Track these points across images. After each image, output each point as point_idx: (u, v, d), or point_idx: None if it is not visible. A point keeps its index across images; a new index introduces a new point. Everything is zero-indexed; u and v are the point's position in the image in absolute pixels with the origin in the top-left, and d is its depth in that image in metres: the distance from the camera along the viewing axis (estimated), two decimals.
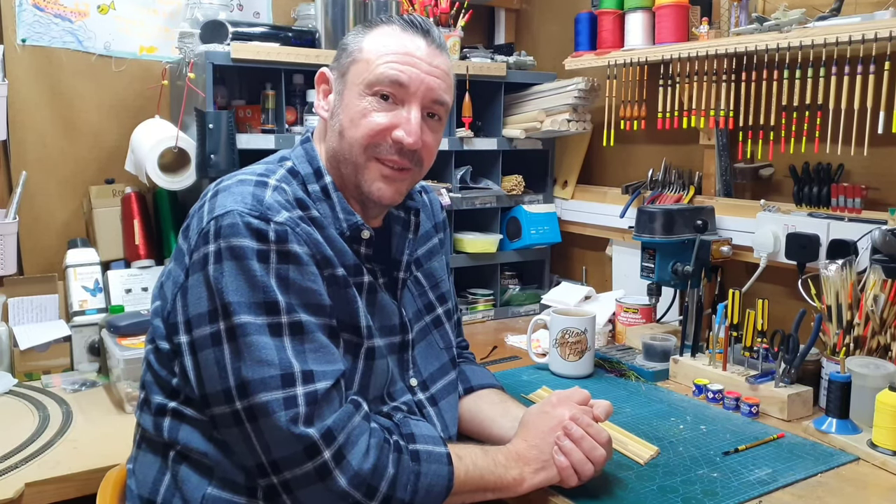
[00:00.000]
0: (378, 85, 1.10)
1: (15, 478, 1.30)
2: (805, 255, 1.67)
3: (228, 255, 0.99)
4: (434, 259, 1.32)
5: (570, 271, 2.47)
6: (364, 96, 1.11)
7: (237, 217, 1.00)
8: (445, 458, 1.04)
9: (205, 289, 1.00)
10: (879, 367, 1.35)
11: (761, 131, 1.76)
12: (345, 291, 1.09)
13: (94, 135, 2.10)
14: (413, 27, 1.14)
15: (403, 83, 1.10)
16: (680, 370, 1.63)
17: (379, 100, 1.11)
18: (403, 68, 1.10)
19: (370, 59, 1.11)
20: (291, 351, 0.98)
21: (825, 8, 1.64)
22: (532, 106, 2.26)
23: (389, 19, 1.16)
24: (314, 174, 1.14)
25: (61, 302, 1.91)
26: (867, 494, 1.15)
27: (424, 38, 1.13)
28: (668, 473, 1.20)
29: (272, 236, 1.00)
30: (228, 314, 0.98)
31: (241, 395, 0.97)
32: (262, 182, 1.07)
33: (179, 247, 1.08)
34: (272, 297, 0.99)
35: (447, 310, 1.32)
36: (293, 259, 1.01)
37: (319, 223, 1.09)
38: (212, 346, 0.99)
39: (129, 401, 1.59)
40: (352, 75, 1.13)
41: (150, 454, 1.10)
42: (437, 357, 1.26)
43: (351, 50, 1.14)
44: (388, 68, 1.10)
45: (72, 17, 2.04)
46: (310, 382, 0.97)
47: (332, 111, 1.16)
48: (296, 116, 2.01)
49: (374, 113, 1.11)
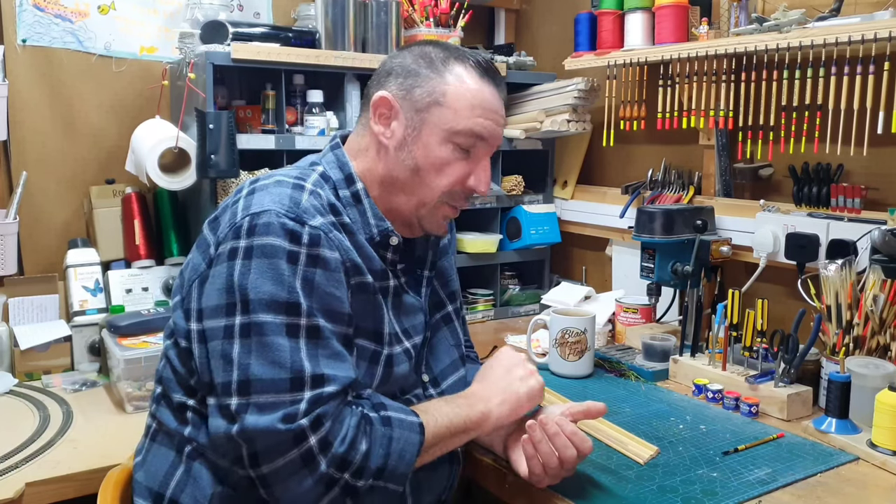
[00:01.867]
0: (463, 136, 1.14)
1: (15, 478, 1.30)
2: (805, 255, 1.67)
3: (259, 253, 1.00)
4: (444, 258, 1.34)
5: (569, 271, 2.47)
6: (446, 143, 1.14)
7: (274, 217, 1.02)
8: (417, 426, 1.04)
9: (226, 281, 1.01)
10: (879, 367, 1.35)
11: (761, 131, 1.77)
12: (373, 298, 1.11)
13: (95, 135, 2.10)
14: (489, 74, 1.16)
15: (486, 138, 1.15)
16: (680, 370, 1.63)
17: (460, 150, 1.14)
18: (487, 124, 1.15)
19: (457, 110, 1.13)
20: (306, 353, 0.99)
21: (825, 8, 1.65)
22: (532, 106, 2.26)
23: (462, 56, 1.16)
24: (345, 180, 1.16)
25: (61, 302, 1.91)
26: (867, 494, 1.15)
27: (498, 87, 1.17)
28: (668, 473, 1.20)
29: (305, 239, 1.02)
30: (247, 311, 0.99)
31: (242, 391, 0.97)
32: (300, 185, 1.09)
33: (205, 237, 1.09)
34: (295, 298, 0.99)
35: (455, 308, 1.34)
36: (322, 264, 1.03)
37: (350, 229, 1.10)
38: (222, 338, 1.00)
39: (130, 401, 1.59)
40: (434, 118, 1.13)
41: (165, 448, 1.11)
42: (447, 353, 1.28)
43: (431, 90, 1.14)
44: (475, 125, 1.13)
45: (72, 17, 2.04)
46: (318, 386, 0.98)
47: (402, 143, 1.15)
48: (296, 117, 2.02)
49: (457, 163, 1.15)
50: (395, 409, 1.05)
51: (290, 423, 0.95)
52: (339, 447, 0.97)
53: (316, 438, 0.96)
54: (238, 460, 0.98)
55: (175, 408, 1.10)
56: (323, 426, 0.96)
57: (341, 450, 0.97)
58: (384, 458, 1.00)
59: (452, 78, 1.14)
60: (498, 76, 1.18)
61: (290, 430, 0.95)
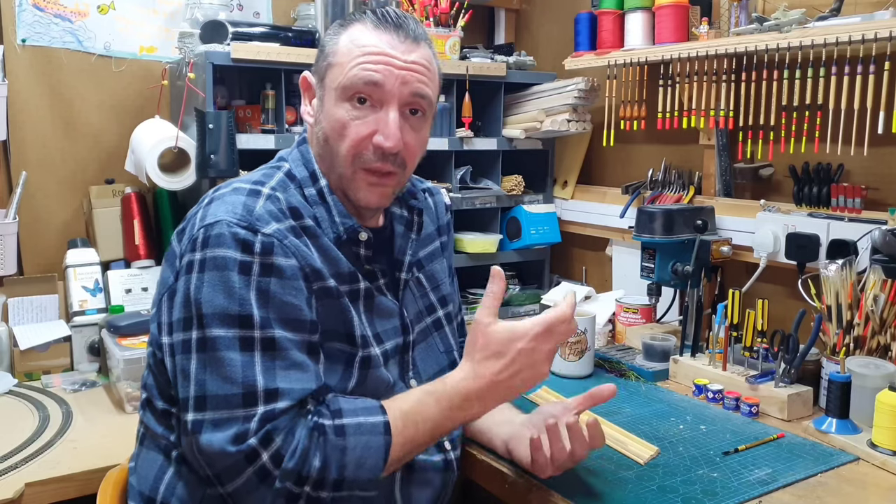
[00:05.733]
0: (352, 89, 1.08)
1: (15, 478, 1.30)
2: (805, 255, 1.67)
3: (212, 266, 0.99)
4: (436, 261, 1.30)
5: (570, 271, 2.47)
6: (341, 103, 1.09)
7: (225, 227, 1.00)
8: (381, 426, 0.99)
9: (183, 296, 1.00)
10: (879, 367, 1.35)
11: (761, 131, 1.76)
12: (337, 302, 1.08)
13: (94, 135, 2.10)
14: (385, 22, 1.10)
15: (378, 82, 1.07)
16: (680, 370, 1.63)
17: (356, 105, 1.08)
18: (376, 67, 1.07)
19: (343, 63, 1.08)
20: (260, 367, 0.97)
21: (825, 8, 1.64)
22: (532, 106, 2.26)
23: (363, 15, 1.12)
24: (310, 177, 1.14)
25: (61, 302, 1.91)
26: (867, 494, 1.15)
27: (397, 32, 1.09)
28: (668, 473, 1.20)
29: (258, 248, 1.00)
30: (202, 325, 0.98)
31: (198, 406, 0.96)
32: (256, 191, 1.06)
33: (172, 249, 1.08)
34: (247, 310, 0.98)
35: (448, 313, 1.30)
36: (276, 272, 1.01)
37: (312, 232, 1.08)
38: (182, 353, 0.99)
39: (129, 401, 1.59)
40: (328, 80, 1.11)
41: (153, 452, 1.10)
42: (436, 360, 1.25)
43: (327, 52, 1.12)
44: (360, 70, 1.07)
45: (72, 17, 2.04)
46: (271, 401, 0.96)
47: (317, 117, 1.14)
48: (296, 116, 2.01)
49: (354, 122, 1.08)
50: (354, 412, 1.00)
51: (241, 443, 0.93)
52: (289, 461, 0.94)
53: (268, 455, 0.94)
54: (208, 478, 0.98)
55: (160, 414, 1.09)
56: (273, 442, 0.94)
57: (291, 464, 0.94)
58: (339, 469, 0.96)
59: (345, 36, 1.10)
60: (404, 22, 1.10)
61: (241, 451, 0.93)
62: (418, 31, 1.12)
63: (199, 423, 0.95)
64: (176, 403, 1.06)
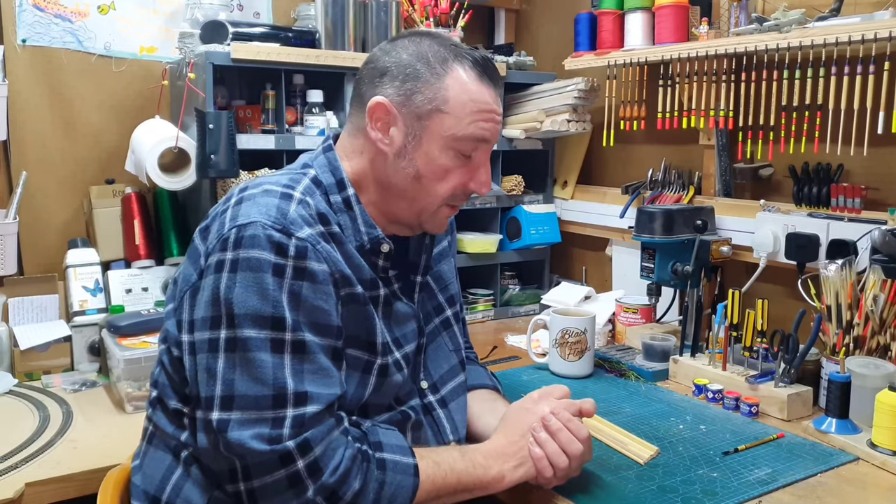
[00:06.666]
0: (467, 143, 1.11)
1: (15, 478, 1.30)
2: (805, 255, 1.67)
3: (245, 266, 0.99)
4: (443, 261, 1.32)
5: (570, 271, 2.47)
6: (448, 150, 1.11)
7: (259, 229, 1.00)
8: (412, 469, 1.03)
9: (212, 294, 1.00)
10: (879, 367, 1.35)
11: (761, 131, 1.77)
12: (363, 309, 1.09)
13: (94, 135, 2.10)
14: (487, 74, 1.13)
15: (489, 140, 1.14)
16: (680, 370, 1.63)
17: (462, 155, 1.12)
18: (489, 126, 1.12)
19: (460, 117, 1.10)
20: (290, 370, 0.98)
21: (825, 8, 1.64)
22: (532, 106, 2.26)
23: (461, 56, 1.12)
24: (336, 185, 1.13)
25: (61, 302, 1.91)
26: (867, 494, 1.15)
27: (496, 85, 1.14)
28: (668, 473, 1.20)
29: (292, 251, 1.00)
30: (233, 325, 0.98)
31: (224, 406, 0.96)
32: (288, 195, 1.06)
33: (195, 247, 1.08)
34: (280, 312, 0.98)
35: (455, 312, 1.32)
36: (309, 276, 1.01)
37: (339, 239, 1.08)
38: (207, 351, 0.99)
39: (130, 401, 1.59)
40: (435, 125, 1.10)
41: (161, 451, 1.10)
42: (446, 359, 1.26)
43: (433, 97, 1.09)
44: (477, 129, 1.11)
45: (72, 17, 2.04)
46: (301, 405, 0.97)
47: (401, 150, 1.11)
48: (296, 116, 2.01)
49: (458, 169, 1.13)
50: (391, 449, 1.03)
51: (276, 444, 0.94)
52: (331, 477, 0.96)
53: (304, 462, 0.95)
54: (230, 473, 0.97)
55: (171, 413, 1.09)
56: (312, 451, 0.95)
57: (332, 480, 0.96)
58: (374, 501, 0.98)
59: (452, 82, 1.09)
60: (496, 73, 1.15)
61: (276, 451, 0.94)
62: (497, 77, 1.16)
63: (226, 423, 0.95)
64: (190, 403, 1.06)
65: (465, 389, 1.29)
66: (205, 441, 0.99)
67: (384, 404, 1.14)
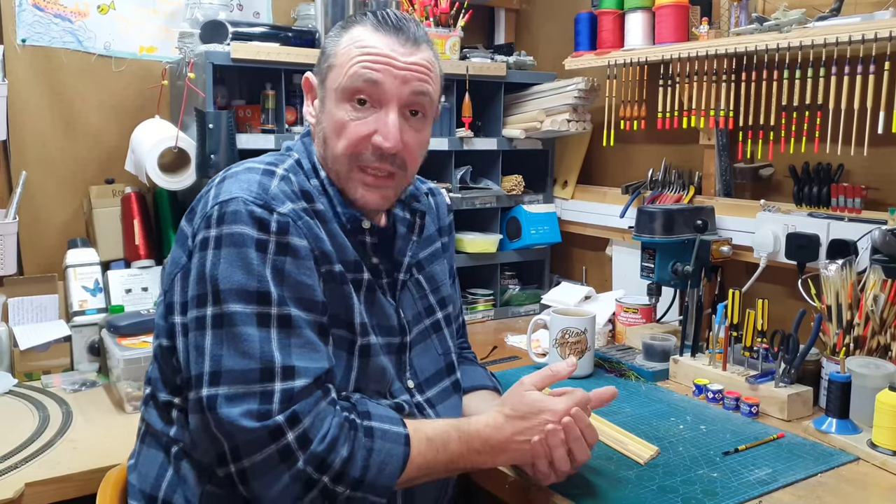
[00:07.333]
0: (352, 89, 1.08)
1: (15, 478, 1.30)
2: (805, 255, 1.67)
3: (228, 242, 0.99)
4: (436, 262, 1.30)
5: (570, 271, 2.47)
6: (342, 104, 1.10)
7: (241, 204, 1.01)
8: (402, 438, 1.02)
9: (198, 272, 1.00)
10: (879, 367, 1.35)
11: (761, 131, 1.76)
12: (341, 288, 1.08)
13: (94, 135, 2.10)
14: (386, 25, 1.10)
15: (377, 81, 1.08)
16: (680, 370, 1.63)
17: (356, 106, 1.09)
18: (376, 67, 1.08)
19: (343, 64, 1.09)
20: (277, 343, 0.98)
21: (825, 8, 1.64)
22: (532, 106, 2.26)
23: (363, 17, 1.12)
24: (312, 169, 1.15)
25: (61, 302, 1.91)
26: (867, 494, 1.15)
27: (398, 34, 1.10)
28: (668, 473, 1.20)
29: (274, 227, 1.01)
30: (219, 301, 0.98)
31: (213, 381, 0.96)
32: (270, 171, 1.08)
33: (183, 230, 1.08)
34: (265, 287, 0.99)
35: (447, 314, 1.29)
36: (291, 252, 1.02)
37: (323, 216, 1.09)
38: (195, 329, 0.99)
39: (130, 401, 1.59)
40: (329, 81, 1.12)
41: (154, 449, 1.10)
42: (433, 362, 1.24)
43: (327, 54, 1.13)
44: (359, 68, 1.08)
45: (72, 17, 2.04)
46: (289, 379, 0.97)
47: (318, 118, 1.15)
48: (296, 116, 2.01)
49: (353, 123, 1.09)
50: (380, 419, 1.03)
51: (266, 419, 0.94)
52: (319, 445, 0.96)
53: (294, 435, 0.95)
54: (220, 456, 0.97)
55: (161, 408, 1.09)
56: (300, 423, 0.95)
57: (320, 448, 0.96)
58: (363, 468, 0.98)
59: (346, 37, 1.11)
60: (404, 24, 1.11)
61: (265, 427, 0.94)
62: (419, 33, 1.12)
63: (214, 398, 0.95)
64: (180, 393, 1.06)
65: (455, 392, 1.26)
66: (196, 423, 0.99)
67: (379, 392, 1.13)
